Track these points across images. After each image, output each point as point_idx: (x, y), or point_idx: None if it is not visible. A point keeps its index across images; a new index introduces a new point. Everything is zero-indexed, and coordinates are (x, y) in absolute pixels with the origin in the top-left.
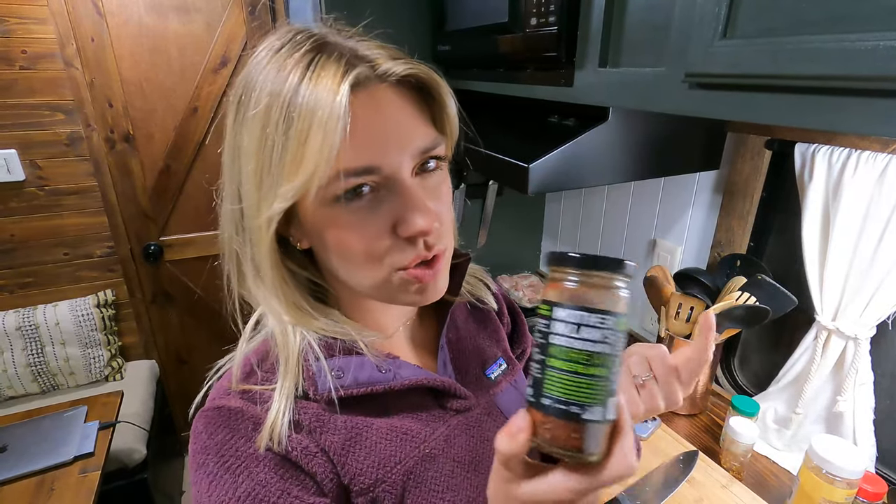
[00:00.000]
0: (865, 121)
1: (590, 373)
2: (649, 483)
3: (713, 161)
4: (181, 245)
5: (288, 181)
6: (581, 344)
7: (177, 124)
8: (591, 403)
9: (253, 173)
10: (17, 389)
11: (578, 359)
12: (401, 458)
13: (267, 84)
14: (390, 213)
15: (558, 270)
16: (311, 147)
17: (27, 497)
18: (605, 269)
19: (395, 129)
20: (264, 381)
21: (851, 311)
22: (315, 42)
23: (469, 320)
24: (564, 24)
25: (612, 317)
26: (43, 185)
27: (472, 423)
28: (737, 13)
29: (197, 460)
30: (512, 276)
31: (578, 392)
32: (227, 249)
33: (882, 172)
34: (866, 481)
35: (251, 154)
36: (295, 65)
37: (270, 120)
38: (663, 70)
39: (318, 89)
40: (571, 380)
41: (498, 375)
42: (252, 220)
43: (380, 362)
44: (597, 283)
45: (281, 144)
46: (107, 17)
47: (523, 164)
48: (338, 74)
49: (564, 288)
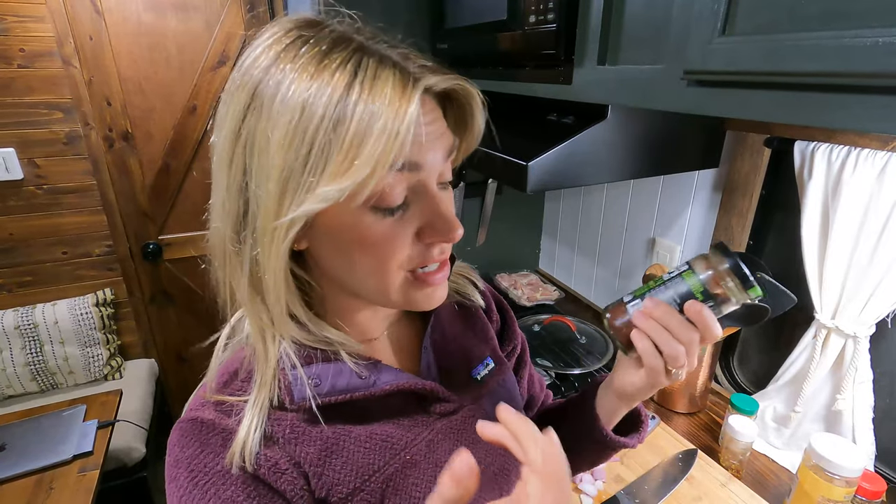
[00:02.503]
0: (864, 118)
1: (648, 283)
2: (648, 481)
3: (712, 159)
4: (180, 244)
5: (332, 182)
6: (663, 275)
7: (175, 123)
8: (634, 294)
9: (278, 170)
10: (16, 388)
11: (654, 280)
12: (380, 466)
13: (301, 78)
14: (416, 219)
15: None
16: (370, 149)
17: (26, 496)
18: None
19: (436, 132)
20: (240, 391)
21: (851, 310)
22: (343, 41)
23: (455, 320)
24: (563, 21)
25: (695, 277)
26: (41, 184)
27: (457, 426)
28: (735, 10)
29: (170, 473)
30: (511, 275)
31: (635, 291)
32: (220, 251)
33: (881, 170)
34: (865, 480)
35: (278, 150)
36: (338, 66)
37: (313, 116)
38: (662, 67)
39: (375, 97)
40: (641, 287)
41: (485, 376)
42: (267, 221)
43: (359, 368)
44: (719, 269)
45: (327, 143)
46: (105, 16)
47: (522, 163)
48: (398, 83)
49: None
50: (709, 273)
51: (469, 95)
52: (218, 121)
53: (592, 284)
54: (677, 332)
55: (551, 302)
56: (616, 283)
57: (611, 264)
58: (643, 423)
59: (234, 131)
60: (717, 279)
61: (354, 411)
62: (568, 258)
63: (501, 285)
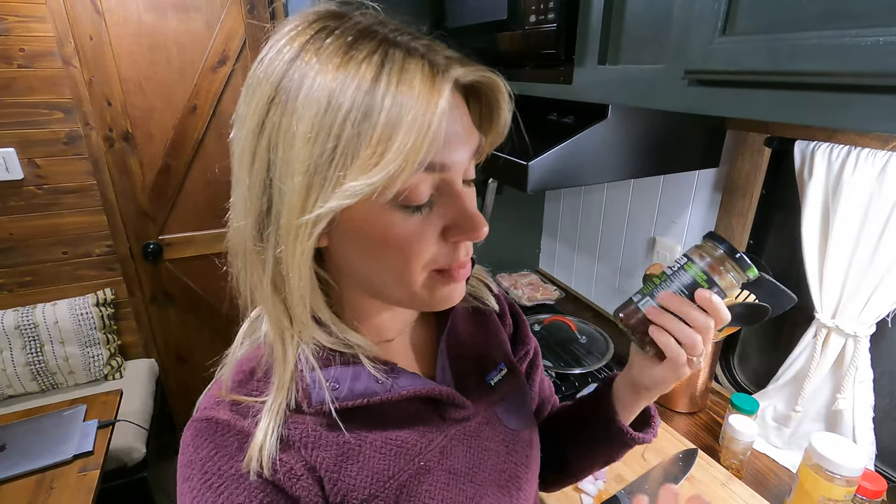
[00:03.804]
0: (865, 117)
1: (654, 280)
2: (649, 481)
3: (713, 159)
4: (181, 244)
5: (361, 177)
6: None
7: (176, 123)
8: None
9: (303, 165)
10: (17, 388)
11: (657, 276)
12: (394, 473)
13: (327, 69)
14: (442, 218)
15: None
16: (399, 142)
17: (26, 496)
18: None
19: (464, 131)
20: (256, 392)
21: (851, 309)
22: (371, 34)
23: (470, 323)
24: (564, 21)
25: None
26: (42, 184)
27: (470, 432)
28: (736, 10)
29: (183, 473)
30: (511, 275)
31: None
32: (241, 250)
33: (882, 170)
34: (866, 479)
35: (304, 144)
36: (364, 58)
37: (340, 108)
38: (662, 67)
39: (403, 85)
40: (645, 285)
41: (498, 381)
42: (291, 217)
43: (377, 372)
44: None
45: (355, 137)
46: (105, 16)
47: (523, 162)
48: (426, 76)
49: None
50: (707, 260)
51: (496, 88)
52: (238, 117)
53: (593, 284)
54: (694, 320)
55: (551, 302)
56: (616, 282)
57: (611, 264)
58: (653, 417)
59: (257, 126)
60: (716, 265)
61: (370, 416)
62: (568, 258)
63: (502, 285)
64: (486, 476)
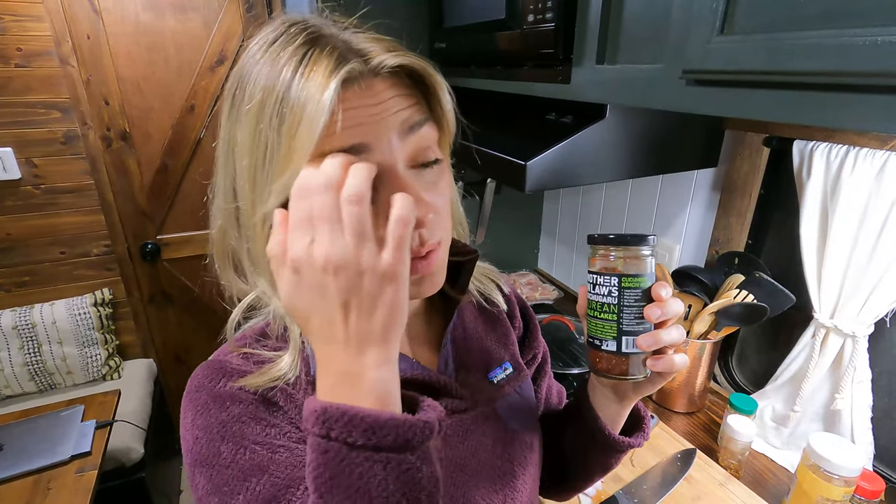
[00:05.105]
0: (864, 117)
1: (601, 317)
2: (647, 481)
3: (711, 158)
4: (179, 243)
5: (280, 177)
6: (595, 297)
7: (174, 122)
8: (605, 338)
9: (247, 169)
10: (14, 388)
11: (594, 307)
12: None
13: (261, 79)
14: (385, 205)
15: (591, 247)
16: (300, 142)
17: (24, 496)
18: (601, 244)
19: (385, 111)
20: (266, 349)
21: (849, 309)
22: (309, 35)
23: (478, 320)
24: (562, 20)
25: (615, 277)
26: (39, 184)
27: (466, 425)
28: (734, 9)
29: (190, 397)
30: (510, 275)
31: (596, 330)
32: (221, 247)
33: (880, 169)
34: (864, 479)
35: (245, 150)
36: (288, 59)
37: (264, 115)
38: (661, 67)
39: (309, 85)
40: (592, 322)
41: (502, 379)
42: (248, 218)
43: None
44: (600, 254)
45: (274, 140)
46: (103, 15)
47: (521, 162)
48: (328, 70)
49: (590, 259)
50: (628, 262)
51: (426, 72)
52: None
53: None
54: (676, 313)
55: (550, 301)
56: None
57: None
58: (644, 420)
59: (223, 137)
60: (630, 258)
61: None
62: (567, 258)
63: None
64: (477, 469)
